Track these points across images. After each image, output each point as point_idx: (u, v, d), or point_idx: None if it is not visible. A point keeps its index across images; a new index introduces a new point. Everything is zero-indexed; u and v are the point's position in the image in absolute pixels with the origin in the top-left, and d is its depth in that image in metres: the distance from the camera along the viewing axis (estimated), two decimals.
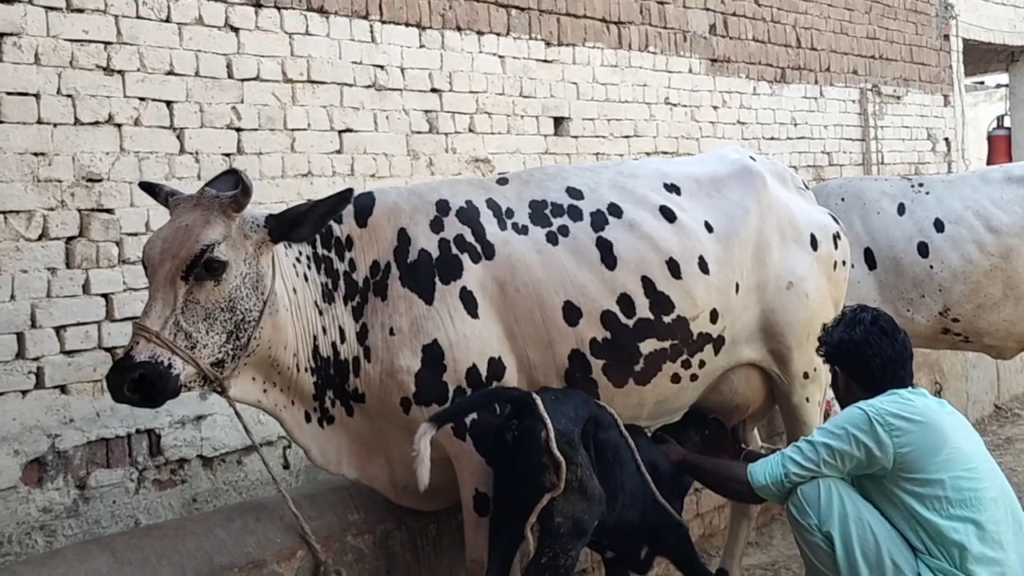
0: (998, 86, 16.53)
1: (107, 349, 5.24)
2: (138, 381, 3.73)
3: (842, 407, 4.25)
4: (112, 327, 5.27)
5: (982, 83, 19.26)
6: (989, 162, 14.91)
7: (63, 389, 5.09)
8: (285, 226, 4.04)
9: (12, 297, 4.93)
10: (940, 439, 3.90)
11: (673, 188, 4.74)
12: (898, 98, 11.65)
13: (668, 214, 4.61)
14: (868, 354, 4.12)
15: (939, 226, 7.48)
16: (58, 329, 5.09)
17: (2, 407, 4.88)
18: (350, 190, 4.16)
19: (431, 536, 4.69)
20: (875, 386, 4.09)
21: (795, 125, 10.26)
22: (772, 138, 9.91)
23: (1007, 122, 15.09)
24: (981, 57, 14.38)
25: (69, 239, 5.15)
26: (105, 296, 5.25)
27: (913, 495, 3.89)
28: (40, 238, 5.04)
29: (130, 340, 3.82)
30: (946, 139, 12.59)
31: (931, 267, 7.49)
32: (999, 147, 14.88)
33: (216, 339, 3.87)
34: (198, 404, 5.47)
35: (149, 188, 4.30)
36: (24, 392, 4.96)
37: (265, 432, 5.75)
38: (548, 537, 3.93)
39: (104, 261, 5.24)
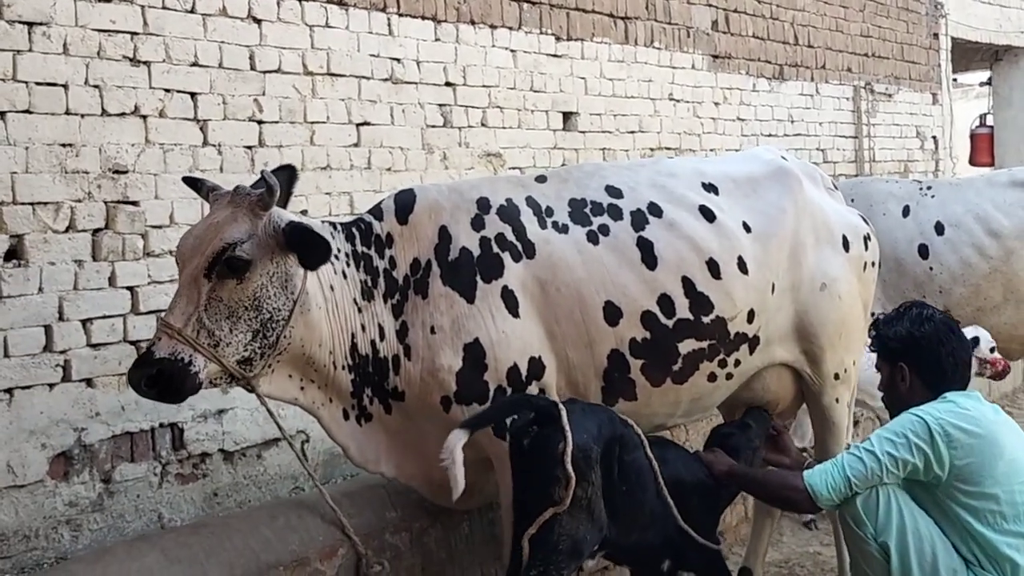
0: (981, 84, 16.57)
1: (132, 342, 5.21)
2: (156, 376, 3.73)
3: (892, 407, 4.19)
4: (137, 320, 5.23)
5: (955, 80, 19.36)
6: (971, 161, 15.02)
7: (89, 382, 5.05)
8: (288, 241, 3.95)
9: (40, 289, 4.89)
10: (997, 452, 3.84)
11: (711, 187, 4.74)
12: (889, 96, 11.72)
13: (707, 214, 4.60)
14: (942, 352, 4.04)
15: (939, 229, 7.58)
16: (84, 322, 5.05)
17: (30, 400, 4.84)
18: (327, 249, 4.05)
19: (464, 534, 4.69)
20: (943, 385, 4.01)
21: (792, 122, 10.30)
22: (770, 135, 9.93)
23: (990, 120, 15.17)
24: (963, 55, 14.47)
25: (95, 231, 5.11)
26: (130, 289, 5.22)
27: (967, 508, 3.84)
28: (67, 230, 5.00)
29: (153, 336, 3.80)
30: (934, 137, 12.68)
31: (931, 269, 7.60)
32: (982, 145, 14.96)
33: (241, 337, 3.85)
34: (220, 398, 5.45)
35: (192, 183, 4.27)
36: (51, 385, 4.93)
37: (284, 427, 5.73)
38: (543, 550, 3.82)
39: (130, 254, 5.21)
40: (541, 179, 4.65)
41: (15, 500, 4.78)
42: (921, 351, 4.07)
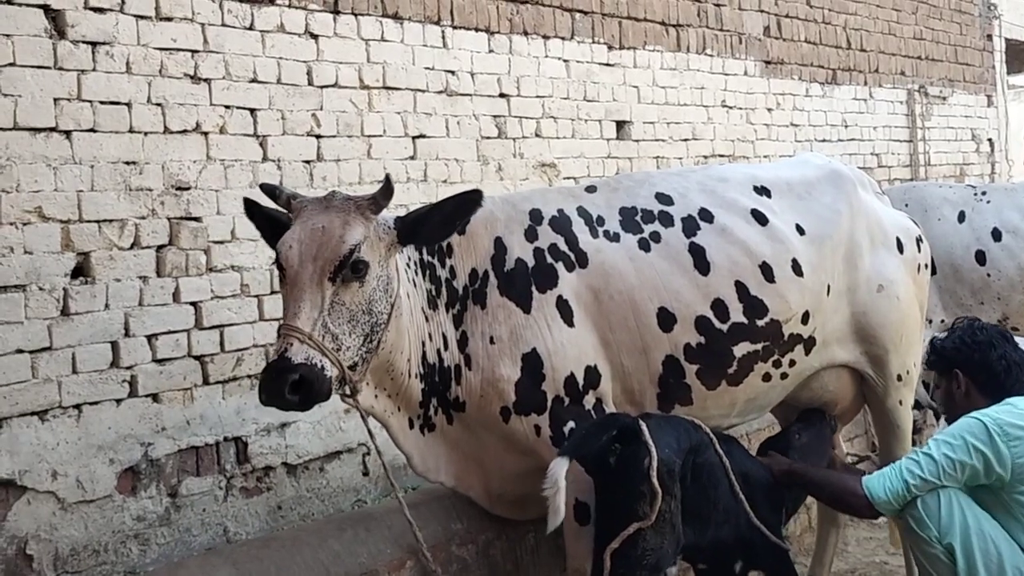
0: None
1: (196, 357, 5.27)
2: (298, 383, 3.62)
3: (950, 417, 4.22)
4: (201, 335, 5.29)
5: (1008, 82, 19.12)
6: None
7: (155, 397, 5.11)
8: (412, 228, 3.99)
9: (107, 306, 4.95)
10: None
11: (763, 191, 4.74)
12: (944, 99, 11.62)
13: (759, 217, 4.60)
14: (992, 356, 4.12)
15: (996, 235, 7.52)
16: (150, 337, 5.11)
17: (98, 416, 4.90)
18: (478, 192, 4.09)
19: (530, 546, 4.67)
20: (998, 389, 4.05)
21: (846, 127, 10.25)
22: (824, 140, 9.89)
23: None
24: (1017, 56, 14.32)
25: (160, 247, 5.17)
26: (194, 304, 5.27)
27: None
28: (132, 247, 5.06)
29: (281, 342, 3.66)
30: (989, 140, 12.55)
31: (988, 275, 7.53)
32: None
33: (356, 341, 3.80)
34: (283, 412, 5.47)
35: (270, 191, 4.24)
36: (118, 401, 4.98)
37: (345, 439, 5.79)
38: (626, 565, 3.83)
39: (193, 269, 5.26)
40: (591, 189, 4.66)
41: (84, 515, 4.84)
42: (972, 354, 4.17)
